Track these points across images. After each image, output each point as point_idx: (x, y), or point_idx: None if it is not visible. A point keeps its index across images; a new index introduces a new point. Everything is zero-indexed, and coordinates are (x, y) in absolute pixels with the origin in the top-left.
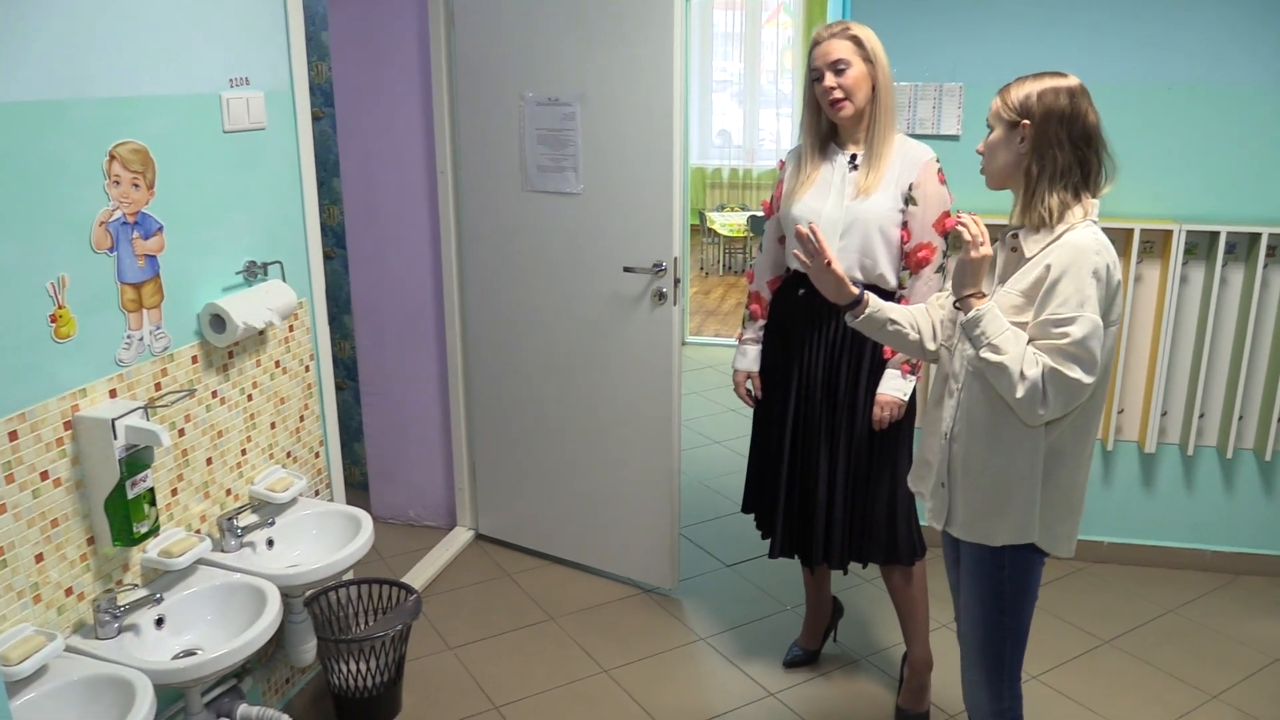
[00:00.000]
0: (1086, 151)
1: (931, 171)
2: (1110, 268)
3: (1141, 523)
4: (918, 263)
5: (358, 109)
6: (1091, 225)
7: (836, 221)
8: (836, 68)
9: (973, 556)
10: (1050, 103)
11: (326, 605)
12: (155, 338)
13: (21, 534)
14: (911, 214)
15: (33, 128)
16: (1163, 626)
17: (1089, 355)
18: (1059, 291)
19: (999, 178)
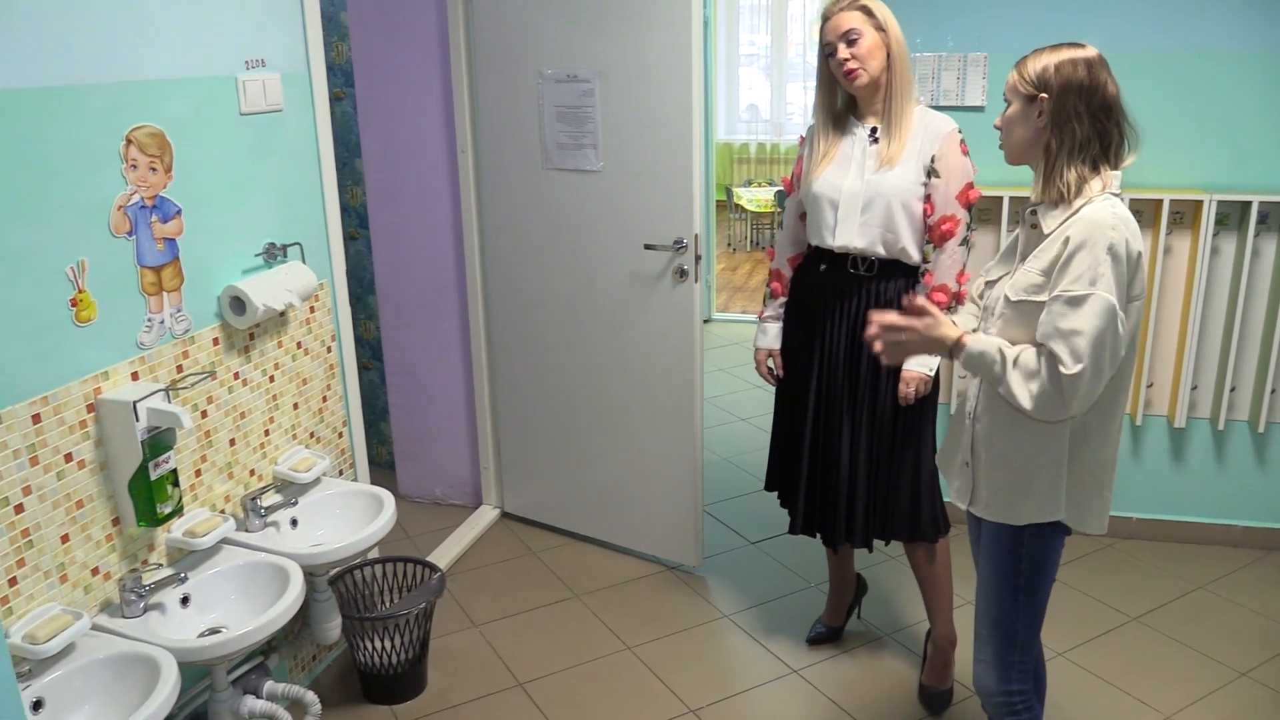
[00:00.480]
0: (1106, 123)
1: (954, 142)
2: (1129, 242)
3: (1171, 498)
4: (941, 235)
5: (378, 89)
6: (1110, 198)
7: (858, 195)
8: (848, 38)
9: (992, 534)
10: (1068, 75)
11: (352, 583)
12: (176, 320)
13: (47, 515)
14: (934, 186)
15: (48, 113)
16: (1192, 603)
17: (1096, 345)
18: (1072, 268)
19: (1017, 153)
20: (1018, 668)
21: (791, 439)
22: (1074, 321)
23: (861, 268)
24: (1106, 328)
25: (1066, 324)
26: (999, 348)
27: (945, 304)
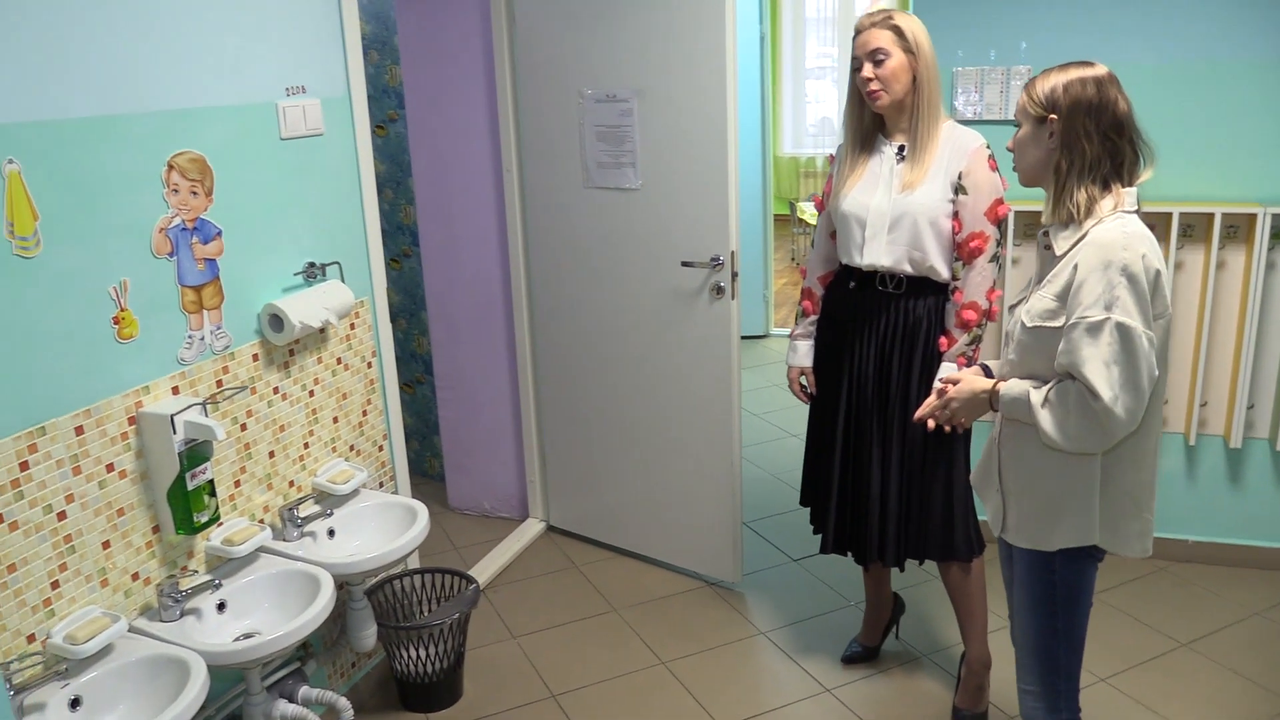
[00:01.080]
0: (1118, 141)
1: (981, 159)
2: (1146, 259)
3: (1228, 521)
4: (970, 253)
5: (427, 110)
6: (1121, 217)
7: (884, 214)
8: (875, 58)
9: (1024, 561)
10: (1077, 94)
11: (391, 593)
12: (216, 337)
13: (89, 522)
14: (962, 203)
15: (93, 142)
16: (1246, 630)
17: (1126, 370)
18: (1085, 294)
19: (1031, 175)
20: (1065, 695)
21: (823, 456)
22: (1096, 349)
23: (890, 285)
24: (1132, 351)
25: (1088, 352)
26: (1028, 390)
27: (975, 321)
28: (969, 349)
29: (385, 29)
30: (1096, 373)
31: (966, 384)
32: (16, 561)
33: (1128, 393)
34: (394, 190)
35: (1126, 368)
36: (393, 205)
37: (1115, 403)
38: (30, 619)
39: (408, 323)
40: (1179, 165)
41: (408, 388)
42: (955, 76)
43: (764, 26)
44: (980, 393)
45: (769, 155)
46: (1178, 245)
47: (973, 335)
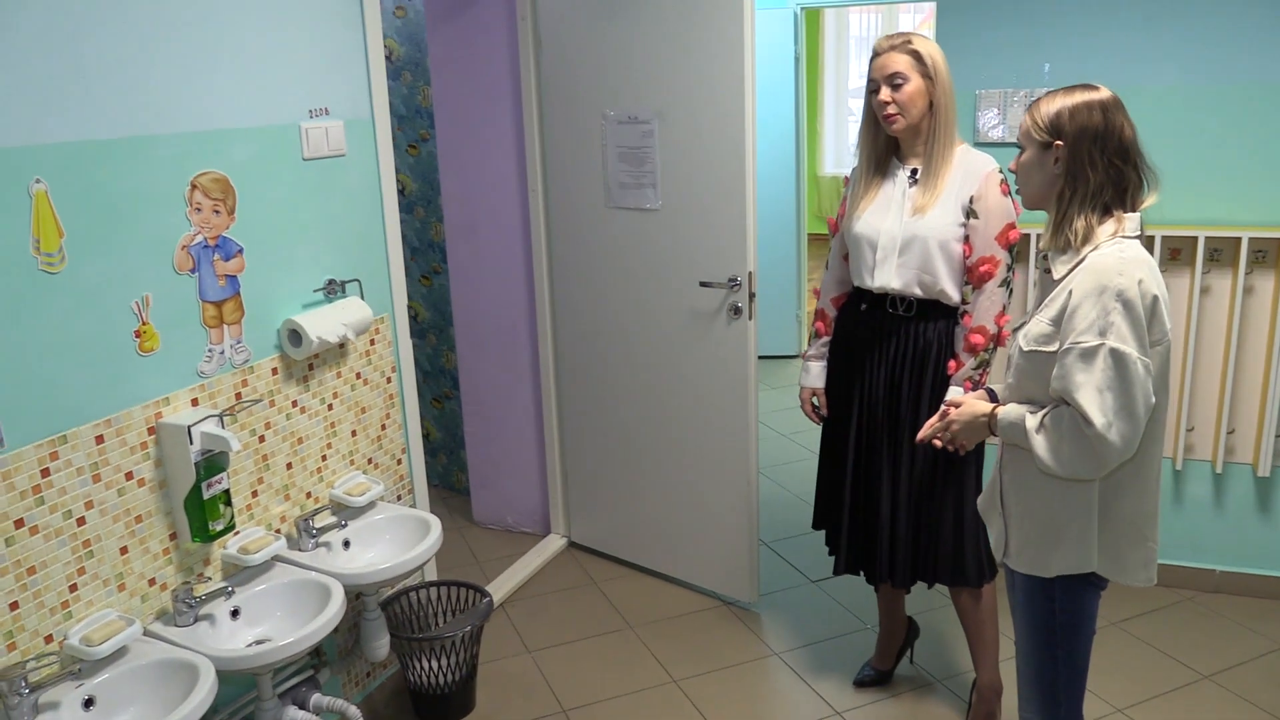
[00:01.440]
0: (1123, 168)
1: (993, 183)
2: (1143, 284)
3: (1259, 551)
4: (980, 277)
5: (456, 131)
6: (1120, 242)
7: (895, 237)
8: (893, 82)
9: (1024, 587)
10: (1084, 121)
11: (408, 604)
12: (236, 351)
13: (107, 528)
14: (973, 227)
15: (118, 162)
16: (1271, 664)
17: (1120, 397)
18: (1079, 319)
19: (1034, 199)
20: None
21: (835, 478)
22: (1089, 375)
23: (900, 308)
24: (1126, 377)
25: (1081, 378)
26: (1024, 415)
27: (983, 345)
28: (976, 373)
29: (419, 51)
30: (1089, 399)
31: (968, 407)
32: (36, 564)
33: (1122, 419)
34: (425, 208)
35: (1120, 394)
36: (424, 223)
37: (1109, 429)
38: (48, 620)
39: (438, 338)
40: (1206, 188)
41: (437, 402)
42: (978, 98)
43: (799, 47)
44: (980, 416)
45: (803, 175)
46: (1204, 270)
47: (980, 359)
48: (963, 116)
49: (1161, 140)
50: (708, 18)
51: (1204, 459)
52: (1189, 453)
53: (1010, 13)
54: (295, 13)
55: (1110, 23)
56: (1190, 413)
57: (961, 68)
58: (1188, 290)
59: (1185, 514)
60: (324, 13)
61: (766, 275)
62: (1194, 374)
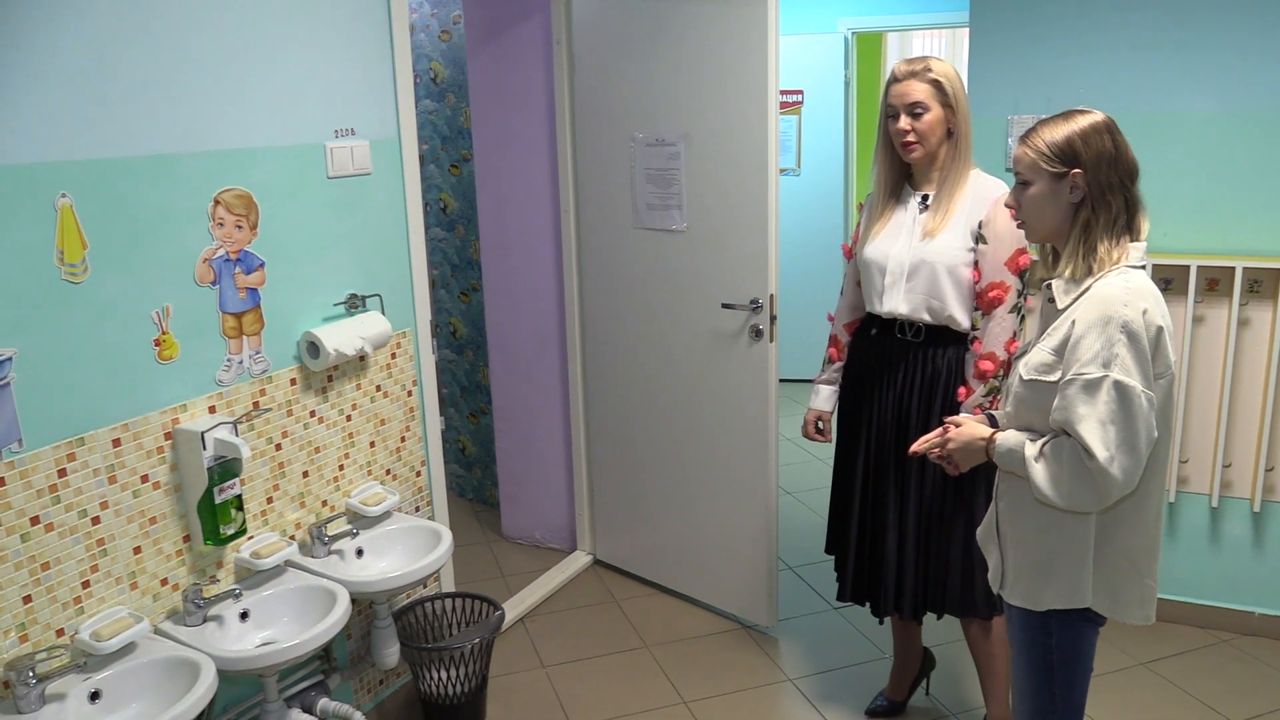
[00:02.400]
0: (1133, 190)
1: (1003, 209)
2: (1148, 315)
3: None
4: (989, 303)
5: (492, 151)
6: (1125, 271)
7: (904, 263)
8: (913, 111)
9: (1020, 621)
10: (1099, 147)
11: (423, 614)
12: (255, 361)
13: (121, 528)
14: (982, 253)
15: (144, 178)
16: None
17: (1122, 430)
18: (1083, 350)
19: (1047, 233)
20: None
21: (844, 504)
22: (1092, 408)
23: (909, 334)
24: (1130, 411)
25: (1084, 410)
26: (1023, 442)
27: (993, 371)
28: (986, 400)
29: (462, 74)
30: (1092, 432)
31: (968, 428)
32: (50, 560)
33: (1124, 453)
34: (465, 227)
35: (1123, 428)
36: (464, 241)
37: (1111, 463)
38: (61, 615)
39: (474, 354)
40: (1244, 217)
41: (473, 417)
42: (1010, 124)
43: (849, 71)
44: (978, 439)
45: (851, 200)
46: (1242, 301)
47: (990, 387)
48: (995, 142)
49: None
50: (733, 43)
51: (1243, 497)
52: (1226, 490)
53: (1044, 38)
54: (325, 35)
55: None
56: (1228, 448)
57: (995, 93)
58: (1226, 322)
59: (1222, 553)
60: (353, 35)
61: (807, 299)
62: (1231, 409)
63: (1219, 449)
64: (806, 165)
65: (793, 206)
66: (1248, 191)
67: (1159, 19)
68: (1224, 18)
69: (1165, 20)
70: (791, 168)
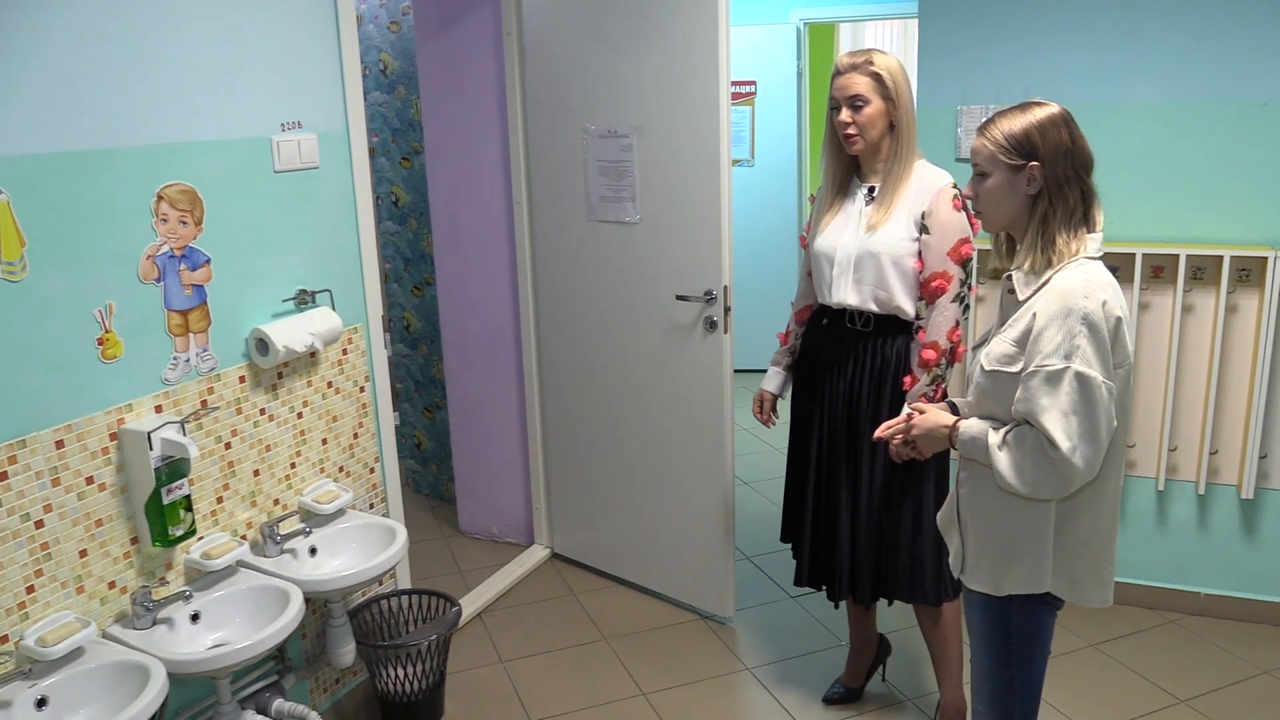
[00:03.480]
0: (1088, 182)
1: (945, 199)
2: (1107, 306)
3: (1244, 574)
4: (932, 292)
5: (444, 144)
6: (1084, 263)
7: (850, 254)
8: (854, 104)
9: (979, 605)
10: (1056, 140)
11: (379, 612)
12: (202, 359)
13: (66, 531)
14: (925, 242)
15: (83, 173)
16: (1253, 689)
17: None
18: (1044, 342)
19: (1004, 223)
20: None
21: (799, 491)
22: (1055, 399)
23: (859, 323)
24: (1091, 401)
25: (1046, 401)
26: (986, 431)
27: (935, 360)
28: (930, 389)
29: (413, 65)
30: (1054, 422)
31: (931, 416)
32: None
33: (1086, 443)
34: (418, 220)
35: (1085, 418)
36: (417, 234)
37: (1074, 453)
38: (4, 621)
39: (429, 349)
40: (1188, 206)
41: (428, 412)
42: (959, 114)
43: (801, 62)
44: (941, 427)
45: (805, 189)
46: (1186, 288)
47: (933, 375)
48: (944, 132)
49: (1144, 157)
50: (684, 35)
51: (1188, 480)
52: (1172, 473)
53: (993, 29)
54: (268, 27)
55: (1093, 39)
56: (1173, 433)
57: (943, 83)
58: (1170, 309)
59: (1169, 536)
60: (298, 27)
61: (763, 289)
62: (1177, 393)
63: (1165, 433)
64: (760, 156)
65: (747, 197)
66: (1191, 181)
67: (1106, 11)
68: (1170, 10)
69: (1112, 12)
70: (745, 158)
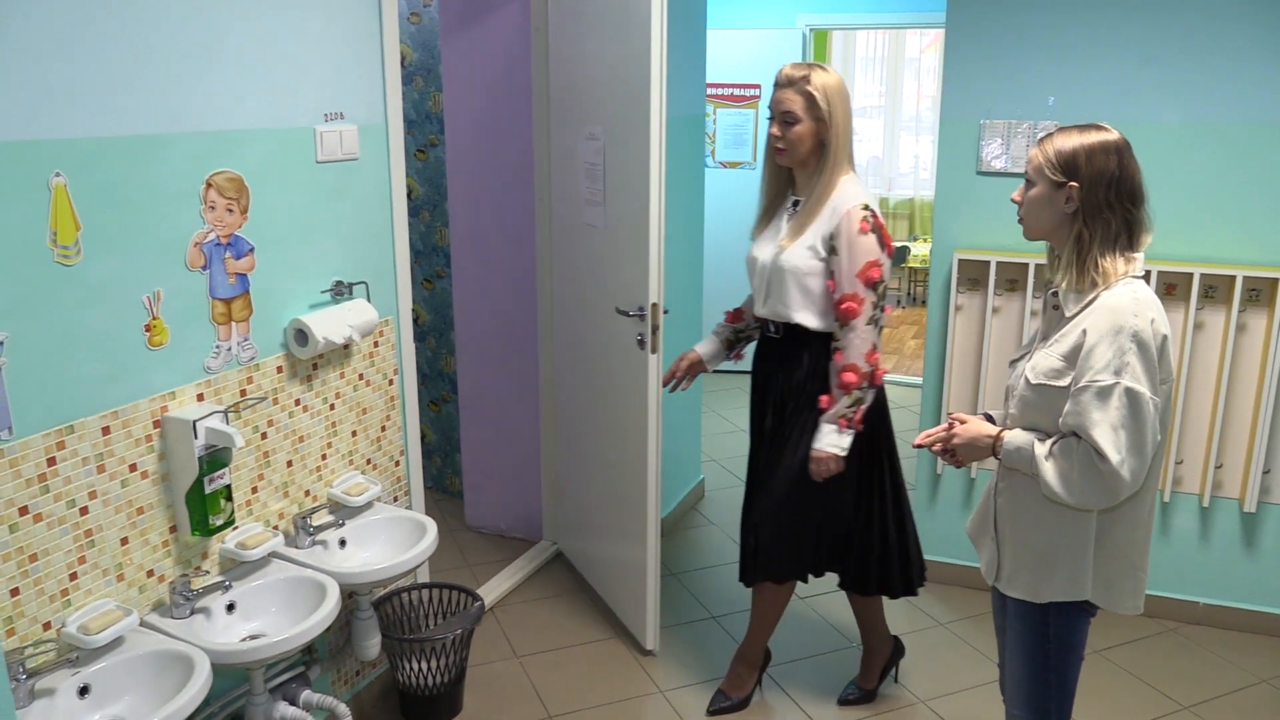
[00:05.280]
0: (1135, 212)
1: (853, 221)
2: (1155, 324)
3: (1243, 586)
4: (844, 314)
5: (466, 138)
6: (1130, 282)
7: (767, 267)
8: (785, 119)
9: (1018, 612)
10: (1101, 166)
11: (399, 605)
12: (242, 348)
13: (109, 518)
14: (835, 264)
15: (138, 158)
16: (1251, 697)
17: (1132, 434)
18: (1095, 358)
19: (1039, 233)
20: None
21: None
22: (1105, 413)
23: (780, 332)
24: (1139, 416)
25: (1097, 415)
26: (1032, 441)
27: (855, 384)
28: (850, 411)
29: (431, 57)
30: (1105, 436)
31: (973, 426)
32: (38, 552)
33: (1133, 456)
34: (431, 213)
35: (1133, 432)
36: (429, 227)
37: (1122, 465)
38: (48, 608)
39: (437, 342)
40: (1202, 226)
41: (434, 405)
42: (982, 128)
43: None
44: (984, 437)
45: None
46: (1198, 306)
47: (854, 398)
48: (966, 145)
49: (1161, 176)
50: (631, 38)
51: (1191, 492)
52: (1177, 485)
53: (1017, 45)
54: (315, 18)
55: (1115, 59)
56: (1180, 446)
57: (968, 96)
58: (1181, 325)
59: (1171, 546)
60: (343, 18)
61: None
62: (1184, 407)
63: (1172, 447)
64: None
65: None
66: (1207, 201)
67: (1130, 32)
68: (1190, 34)
69: (1135, 33)
70: (747, 161)
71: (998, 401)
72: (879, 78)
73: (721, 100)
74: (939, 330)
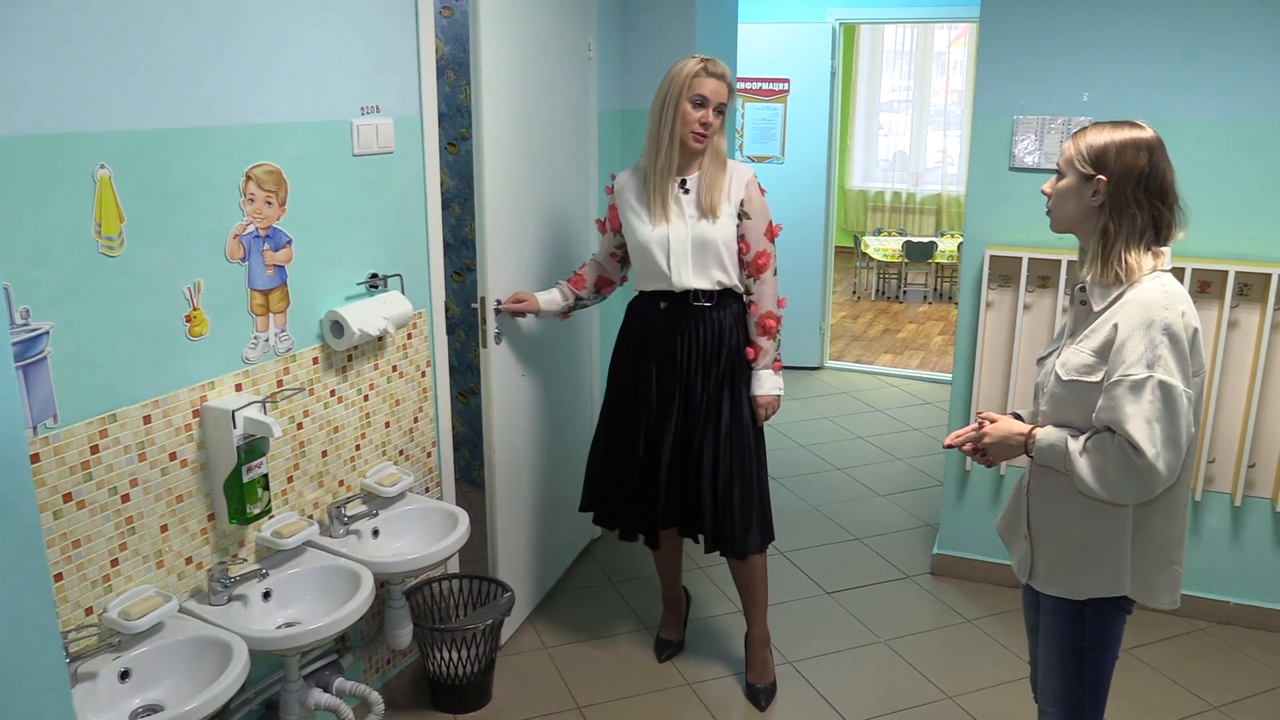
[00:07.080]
0: (1162, 208)
1: (755, 187)
2: (1186, 317)
3: (1274, 585)
4: (758, 269)
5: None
6: (1159, 276)
7: (686, 240)
8: (720, 109)
9: (1052, 609)
10: (1130, 161)
11: (430, 595)
12: (280, 339)
13: (150, 506)
14: (747, 227)
15: (180, 150)
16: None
17: (1167, 428)
18: (1128, 352)
19: (1066, 225)
20: None
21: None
22: (1139, 407)
23: (703, 300)
24: (1173, 409)
25: (1131, 409)
26: (1065, 438)
27: (775, 328)
28: (778, 353)
29: (463, 51)
30: (1139, 430)
31: (1004, 424)
32: (81, 538)
33: (1169, 449)
34: (461, 206)
35: (1168, 425)
36: (459, 220)
37: (1157, 459)
38: (90, 593)
39: (465, 334)
40: (1237, 224)
41: (462, 397)
42: (1015, 124)
43: (835, 61)
44: (1016, 435)
45: (833, 188)
46: (1233, 304)
47: (777, 340)
48: (999, 142)
49: (1197, 174)
50: None
51: (1224, 491)
52: (1209, 484)
53: (1051, 40)
54: (351, 12)
55: (1149, 56)
56: (1212, 445)
57: (1000, 92)
58: (1215, 323)
59: (1203, 545)
60: (379, 13)
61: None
62: (1218, 406)
63: (1204, 446)
64: (790, 153)
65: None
66: (1242, 199)
67: (1166, 29)
68: (1227, 31)
69: (1171, 31)
70: (775, 155)
71: (1028, 399)
72: (906, 72)
73: (751, 95)
74: (969, 327)
